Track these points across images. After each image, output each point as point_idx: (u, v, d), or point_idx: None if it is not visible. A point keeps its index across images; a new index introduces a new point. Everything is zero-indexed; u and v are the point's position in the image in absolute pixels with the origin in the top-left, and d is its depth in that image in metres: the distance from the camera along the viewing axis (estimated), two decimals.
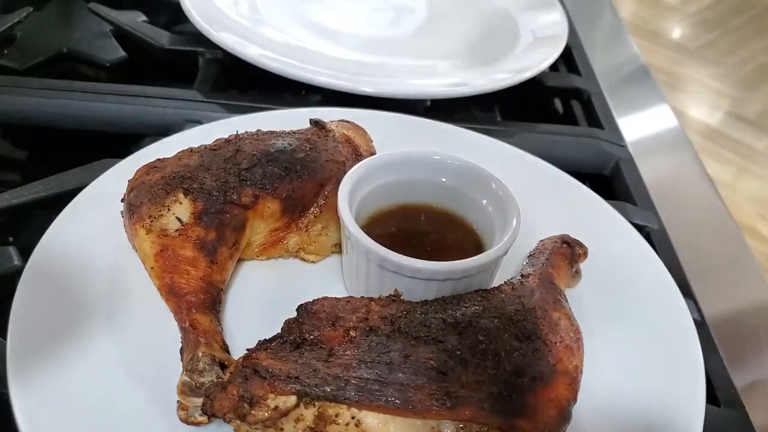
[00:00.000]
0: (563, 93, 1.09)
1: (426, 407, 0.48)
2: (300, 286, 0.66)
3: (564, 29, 1.12)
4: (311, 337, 0.53)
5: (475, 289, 0.60)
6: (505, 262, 0.65)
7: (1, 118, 0.90)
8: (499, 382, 0.50)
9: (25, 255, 0.64)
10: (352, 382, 0.49)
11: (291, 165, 0.68)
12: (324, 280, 0.68)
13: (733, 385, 0.65)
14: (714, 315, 0.72)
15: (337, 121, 0.78)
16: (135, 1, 1.14)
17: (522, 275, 0.63)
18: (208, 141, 0.71)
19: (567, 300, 0.62)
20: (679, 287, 0.69)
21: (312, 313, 0.55)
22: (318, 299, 0.56)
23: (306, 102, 0.94)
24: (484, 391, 0.49)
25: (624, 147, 0.94)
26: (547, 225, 0.72)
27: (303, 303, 0.56)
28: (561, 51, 1.07)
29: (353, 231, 0.62)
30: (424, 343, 0.52)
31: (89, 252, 0.65)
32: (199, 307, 0.58)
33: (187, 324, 0.57)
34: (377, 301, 0.57)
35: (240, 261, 0.67)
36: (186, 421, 0.53)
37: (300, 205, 0.68)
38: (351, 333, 0.53)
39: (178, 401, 0.53)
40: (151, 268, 0.61)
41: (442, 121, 0.88)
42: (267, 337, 0.54)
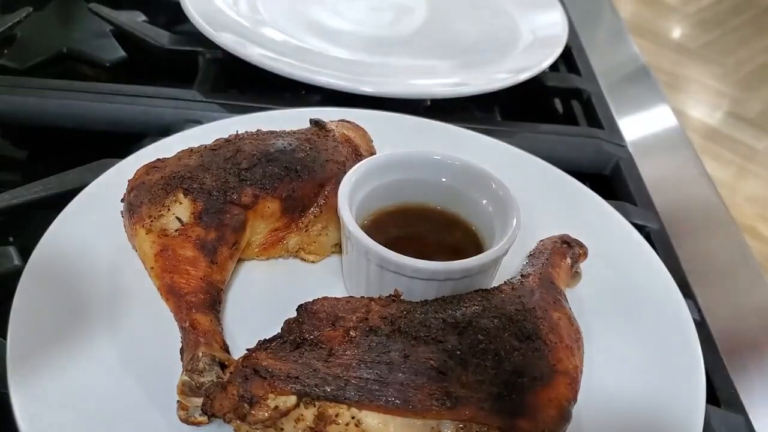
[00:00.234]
0: (563, 93, 1.09)
1: (426, 407, 0.48)
2: (300, 286, 0.66)
3: (564, 29, 1.12)
4: (311, 337, 0.53)
5: (475, 289, 0.60)
6: (505, 262, 0.65)
7: (1, 118, 0.90)
8: (499, 382, 0.50)
9: (25, 255, 0.64)
10: (352, 382, 0.49)
11: (291, 165, 0.68)
12: (324, 280, 0.68)
13: (733, 385, 0.66)
14: (714, 315, 0.72)
15: (337, 121, 0.78)
16: (135, 1, 1.14)
17: (522, 275, 0.63)
18: (208, 141, 0.71)
19: (567, 300, 0.62)
20: (679, 287, 0.69)
21: (312, 313, 0.55)
22: (318, 299, 0.56)
23: (306, 102, 0.94)
24: (484, 391, 0.49)
25: (624, 147, 0.94)
26: (547, 225, 0.72)
27: (303, 303, 0.56)
28: (561, 51, 1.07)
29: (353, 231, 0.62)
30: (424, 343, 0.52)
31: (89, 252, 0.65)
32: (199, 307, 0.58)
33: (187, 324, 0.57)
34: (377, 301, 0.57)
35: (240, 261, 0.67)
36: (186, 421, 0.53)
37: (300, 205, 0.68)
38: (351, 333, 0.53)
39: (178, 401, 0.53)
40: (151, 268, 0.61)
41: (442, 121, 0.88)
42: (267, 337, 0.54)
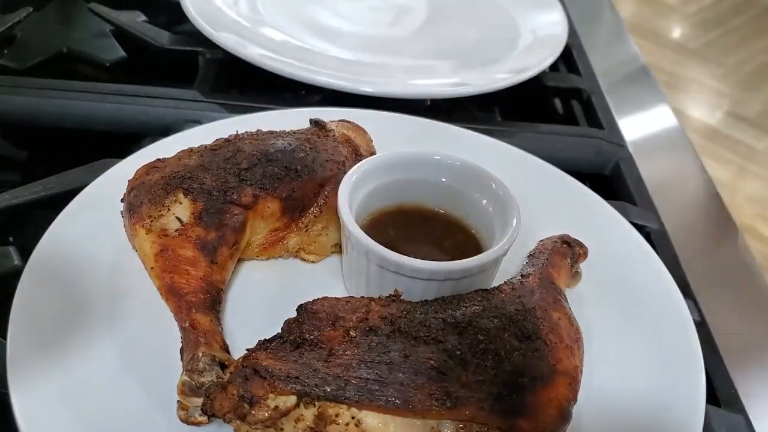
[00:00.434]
0: (563, 93, 1.09)
1: (426, 407, 0.48)
2: (300, 286, 0.66)
3: (564, 29, 1.12)
4: (311, 337, 0.53)
5: (475, 289, 0.60)
6: (505, 262, 0.65)
7: (1, 118, 0.90)
8: (499, 382, 0.50)
9: (25, 255, 0.64)
10: (352, 382, 0.49)
11: (291, 165, 0.68)
12: (324, 280, 0.68)
13: (733, 385, 0.66)
14: (714, 315, 0.72)
15: (337, 121, 0.78)
16: (135, 1, 1.14)
17: (522, 275, 0.63)
18: (208, 141, 0.71)
19: (567, 300, 0.62)
20: (679, 287, 0.69)
21: (312, 313, 0.55)
22: (318, 299, 0.56)
23: (306, 102, 0.94)
24: (484, 391, 0.49)
25: (624, 147, 0.94)
26: (547, 225, 0.72)
27: (303, 303, 0.56)
28: (561, 51, 1.07)
29: (353, 231, 0.62)
30: (424, 343, 0.52)
31: (89, 252, 0.65)
32: (199, 307, 0.58)
33: (187, 324, 0.57)
34: (377, 301, 0.57)
35: (240, 261, 0.67)
36: (186, 421, 0.53)
37: (300, 205, 0.68)
38: (351, 333, 0.53)
39: (178, 401, 0.53)
40: (151, 268, 0.61)
41: (442, 121, 0.88)
42: (267, 337, 0.54)
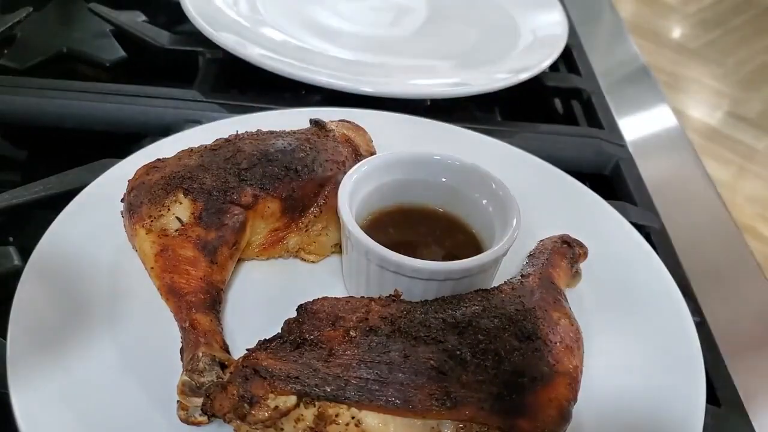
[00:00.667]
0: (563, 93, 1.09)
1: (426, 407, 0.48)
2: (300, 286, 0.66)
3: (564, 29, 1.12)
4: (311, 337, 0.53)
5: (475, 289, 0.60)
6: (505, 262, 0.65)
7: (1, 118, 0.90)
8: (499, 382, 0.50)
9: (25, 255, 0.64)
10: (352, 382, 0.49)
11: (291, 165, 0.68)
12: (324, 280, 0.68)
13: (733, 385, 0.66)
14: (714, 315, 0.72)
15: (337, 121, 0.78)
16: (135, 1, 1.14)
17: (522, 275, 0.63)
18: (208, 141, 0.71)
19: (567, 300, 0.62)
20: (679, 287, 0.69)
21: (312, 313, 0.55)
22: (318, 299, 0.56)
23: (306, 102, 0.94)
24: (484, 391, 0.49)
25: (624, 147, 0.94)
26: (547, 225, 0.72)
27: (303, 303, 0.56)
28: (561, 51, 1.07)
29: (353, 231, 0.62)
30: (424, 343, 0.52)
31: (89, 252, 0.65)
32: (199, 307, 0.58)
33: (187, 324, 0.57)
34: (377, 301, 0.57)
35: (240, 261, 0.67)
36: (186, 421, 0.53)
37: (300, 205, 0.68)
38: (351, 333, 0.53)
39: (178, 401, 0.53)
40: (151, 268, 0.61)
41: (442, 121, 0.88)
42: (267, 337, 0.54)
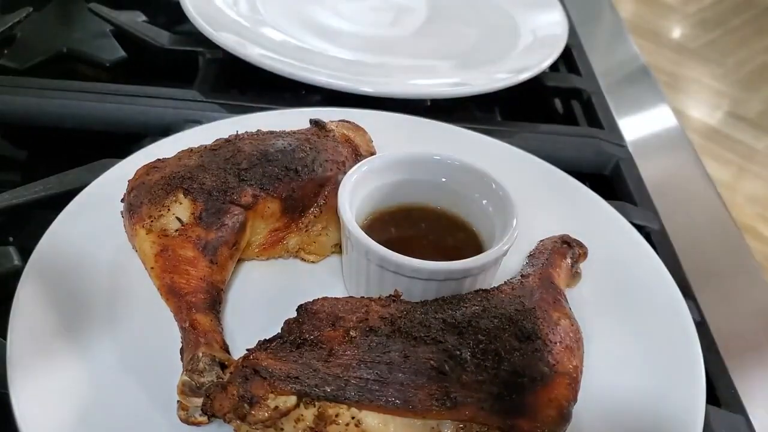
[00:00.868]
0: (563, 93, 1.09)
1: (426, 407, 0.48)
2: (300, 286, 0.66)
3: (564, 29, 1.12)
4: (311, 337, 0.53)
5: (475, 290, 0.60)
6: (505, 262, 0.65)
7: (1, 118, 0.90)
8: (499, 382, 0.50)
9: (25, 255, 0.64)
10: (352, 382, 0.49)
11: (291, 165, 0.68)
12: (324, 280, 0.68)
13: (733, 385, 0.66)
14: (714, 315, 0.72)
15: (337, 121, 0.78)
16: (135, 1, 1.14)
17: (522, 275, 0.63)
18: (208, 141, 0.71)
19: (567, 300, 0.62)
20: (679, 287, 0.69)
21: (312, 313, 0.55)
22: (318, 299, 0.56)
23: (306, 102, 0.94)
24: (484, 391, 0.49)
25: (624, 147, 0.94)
26: (547, 225, 0.72)
27: (303, 303, 0.56)
28: (561, 51, 1.07)
29: (353, 231, 0.62)
30: (424, 343, 0.52)
31: (89, 252, 0.65)
32: (199, 307, 0.58)
33: (187, 324, 0.57)
34: (377, 301, 0.57)
35: (240, 261, 0.67)
36: (186, 422, 0.53)
37: (300, 206, 0.68)
38: (351, 333, 0.53)
39: (178, 401, 0.53)
40: (151, 268, 0.61)
41: (442, 121, 0.88)
42: (267, 337, 0.54)
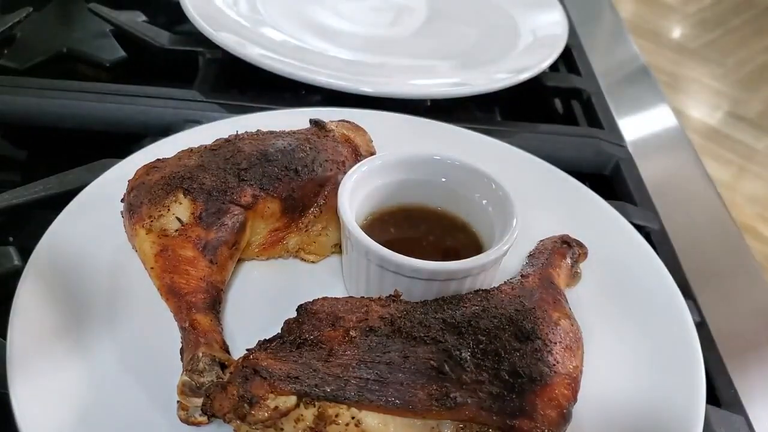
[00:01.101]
0: (563, 93, 1.09)
1: (426, 407, 0.48)
2: (300, 286, 0.66)
3: (564, 29, 1.12)
4: (311, 338, 0.53)
5: (475, 290, 0.60)
6: (505, 262, 0.65)
7: (1, 118, 0.90)
8: (499, 382, 0.50)
9: (25, 255, 0.64)
10: (352, 382, 0.49)
11: (291, 165, 0.68)
12: (324, 280, 0.68)
13: (733, 385, 0.66)
14: (714, 315, 0.72)
15: (337, 121, 0.78)
16: (135, 1, 1.14)
17: (522, 275, 0.63)
18: (208, 141, 0.71)
19: (567, 300, 0.62)
20: (679, 288, 0.69)
21: (312, 314, 0.55)
22: (318, 299, 0.56)
23: (306, 102, 0.94)
24: (484, 391, 0.49)
25: (624, 147, 0.94)
26: (547, 225, 0.72)
27: (303, 303, 0.56)
28: (561, 51, 1.07)
29: (353, 231, 0.62)
30: (423, 343, 0.52)
31: (89, 252, 0.65)
32: (199, 307, 0.58)
33: (187, 324, 0.57)
34: (377, 302, 0.57)
35: (240, 261, 0.67)
36: (186, 422, 0.53)
37: (300, 205, 0.68)
38: (351, 333, 0.53)
39: (178, 401, 0.53)
40: (151, 268, 0.61)
41: (442, 121, 0.88)
42: (267, 337, 0.54)
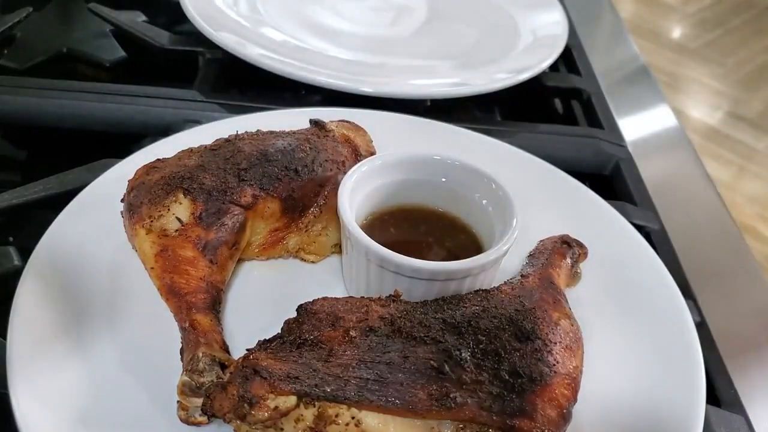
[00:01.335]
0: (563, 93, 1.09)
1: (426, 407, 0.48)
2: (300, 286, 0.66)
3: (564, 29, 1.12)
4: (311, 338, 0.53)
5: (475, 290, 0.60)
6: (505, 262, 0.65)
7: (1, 118, 0.90)
8: (499, 382, 0.50)
9: (25, 255, 0.64)
10: (351, 382, 0.49)
11: (291, 165, 0.68)
12: (324, 280, 0.68)
13: (733, 385, 0.66)
14: (714, 315, 0.72)
15: (337, 121, 0.78)
16: (135, 1, 1.14)
17: (522, 275, 0.63)
18: (208, 141, 0.71)
19: (567, 300, 0.62)
20: (679, 287, 0.69)
21: (312, 314, 0.55)
22: (318, 299, 0.56)
23: (306, 102, 0.94)
24: (484, 391, 0.49)
25: (624, 147, 0.94)
26: (547, 225, 0.72)
27: (303, 303, 0.56)
28: (561, 51, 1.07)
29: (353, 231, 0.62)
30: (423, 343, 0.52)
31: (89, 252, 0.65)
32: (199, 307, 0.58)
33: (187, 324, 0.57)
34: (377, 302, 0.57)
35: (240, 261, 0.67)
36: (186, 422, 0.53)
37: (300, 206, 0.68)
38: (351, 333, 0.53)
39: (178, 401, 0.53)
40: (151, 268, 0.61)
41: (442, 121, 0.88)
42: (267, 337, 0.54)
